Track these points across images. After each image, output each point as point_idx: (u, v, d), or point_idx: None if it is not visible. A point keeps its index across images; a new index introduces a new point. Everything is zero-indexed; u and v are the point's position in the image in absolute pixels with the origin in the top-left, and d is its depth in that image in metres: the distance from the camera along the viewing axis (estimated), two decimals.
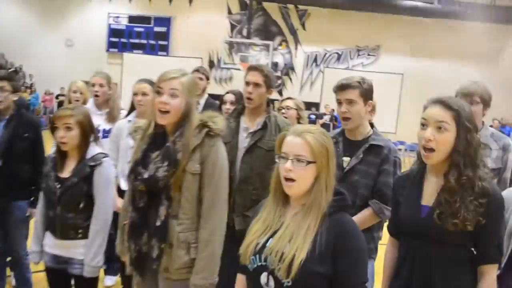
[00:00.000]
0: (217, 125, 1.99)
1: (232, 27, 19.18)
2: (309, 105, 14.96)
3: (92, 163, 2.31)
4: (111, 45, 19.77)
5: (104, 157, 2.37)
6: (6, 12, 19.44)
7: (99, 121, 3.39)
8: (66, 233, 2.30)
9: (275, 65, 18.38)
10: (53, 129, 2.30)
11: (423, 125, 1.67)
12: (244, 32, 17.95)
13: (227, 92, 3.46)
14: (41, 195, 2.44)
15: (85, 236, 2.29)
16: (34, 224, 2.49)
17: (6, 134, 3.01)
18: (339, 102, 2.32)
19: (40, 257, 2.40)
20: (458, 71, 16.70)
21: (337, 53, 19.01)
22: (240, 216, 2.57)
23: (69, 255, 2.33)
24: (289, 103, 3.50)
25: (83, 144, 2.34)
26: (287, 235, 1.42)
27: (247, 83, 2.62)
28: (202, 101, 4.05)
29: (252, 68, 2.65)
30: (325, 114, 15.05)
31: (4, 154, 2.98)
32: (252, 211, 2.53)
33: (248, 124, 2.66)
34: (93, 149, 2.39)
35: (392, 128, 15.42)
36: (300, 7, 18.51)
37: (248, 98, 2.60)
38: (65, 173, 2.33)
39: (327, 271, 1.38)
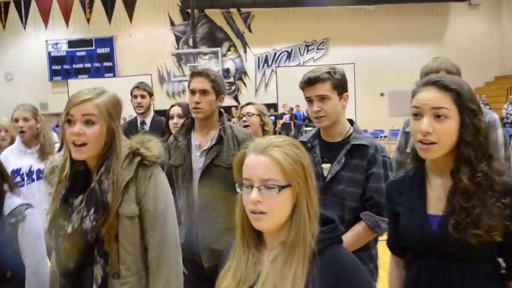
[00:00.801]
0: (151, 151, 1.57)
1: (177, 38, 18.77)
2: (267, 107, 14.66)
3: (13, 220, 1.84)
4: (54, 73, 18.96)
5: (26, 208, 1.89)
6: None
7: (30, 161, 2.92)
8: None
9: (226, 71, 18.07)
10: None
11: (416, 115, 1.31)
12: (190, 42, 17.53)
13: (173, 105, 3.02)
14: None
15: None
16: None
17: None
18: (309, 100, 1.93)
19: None
20: (407, 54, 16.94)
21: (286, 51, 18.90)
22: (207, 251, 2.16)
23: None
24: (250, 109, 3.06)
25: None
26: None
27: (192, 92, 2.21)
28: (149, 120, 3.61)
29: (196, 74, 2.23)
30: (284, 113, 14.79)
31: None
32: (220, 242, 2.15)
33: (201, 140, 2.25)
34: (11, 202, 1.91)
35: (352, 118, 15.31)
36: (243, 10, 18.31)
37: (196, 108, 2.19)
38: None
39: None
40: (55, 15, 17.90)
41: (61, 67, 18.95)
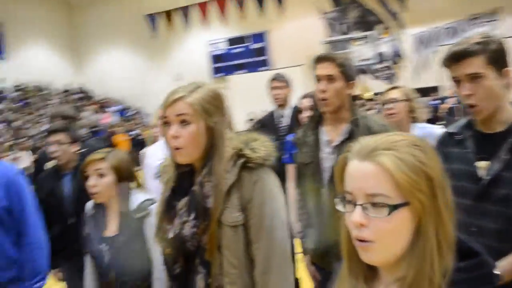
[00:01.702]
0: (256, 152, 1.37)
1: (328, 26, 18.40)
2: (426, 91, 13.50)
3: (140, 215, 1.88)
4: (215, 71, 20.35)
5: (151, 203, 1.92)
6: (117, 60, 21.16)
7: None
8: None
9: (380, 55, 17.12)
10: (84, 178, 1.97)
11: None
12: (342, 29, 17.04)
13: (304, 97, 2.77)
14: (87, 260, 2.09)
15: None
16: None
17: (74, 189, 2.73)
18: (457, 81, 1.50)
19: None
20: None
21: (449, 28, 17.07)
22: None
23: None
24: (394, 94, 2.63)
25: (122, 193, 1.97)
26: None
27: (318, 79, 1.96)
28: (287, 113, 3.45)
29: (321, 59, 1.96)
30: (446, 97, 13.36)
31: (76, 210, 2.68)
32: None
33: (331, 135, 1.98)
34: (137, 197, 1.98)
35: None
36: None
37: (322, 99, 1.93)
38: (110, 231, 1.96)
39: None
40: (213, 16, 19.12)
41: (221, 64, 20.27)
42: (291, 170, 2.37)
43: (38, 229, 2.22)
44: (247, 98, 15.45)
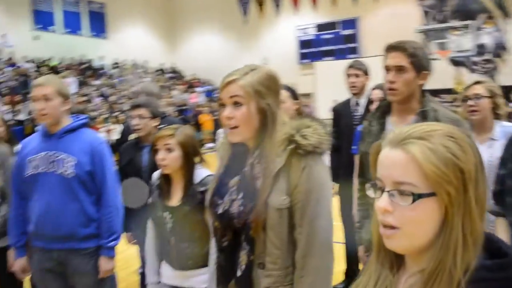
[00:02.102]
0: (307, 139, 1.38)
1: (425, 14, 17.43)
2: None
3: (202, 188, 2.00)
4: (302, 56, 20.26)
5: None
6: (208, 42, 21.83)
7: None
8: (184, 264, 2.09)
9: (481, 47, 15.92)
10: (154, 151, 2.11)
11: None
12: (439, 17, 16.06)
13: (374, 88, 2.69)
14: (150, 225, 2.25)
15: (204, 264, 1.99)
16: (147, 254, 2.30)
17: (151, 160, 2.94)
18: None
19: None
20: None
21: None
22: None
23: (190, 284, 2.10)
24: (477, 89, 2.48)
25: (187, 167, 2.09)
26: None
27: (387, 69, 1.90)
28: (363, 101, 3.38)
29: (391, 48, 1.89)
30: None
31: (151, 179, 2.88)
32: None
33: (397, 126, 1.93)
34: (201, 172, 2.12)
35: None
36: None
37: (390, 89, 1.88)
38: (174, 201, 2.10)
39: None
40: (304, 1, 18.95)
41: (309, 50, 20.10)
42: (356, 160, 2.35)
43: (115, 193, 2.43)
44: (333, 85, 15.24)
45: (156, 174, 2.23)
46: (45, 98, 2.28)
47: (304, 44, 20.18)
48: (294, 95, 2.77)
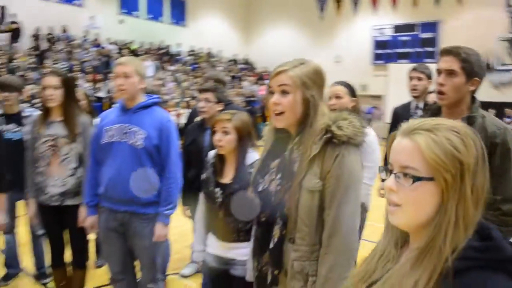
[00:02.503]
0: (342, 130, 1.50)
1: None
2: None
3: (251, 170, 2.19)
4: (376, 57, 19.90)
5: None
6: (282, 36, 22.01)
7: None
8: (228, 236, 2.29)
9: None
10: (213, 133, 2.31)
11: None
12: None
13: (430, 92, 2.72)
14: (201, 198, 2.46)
15: (246, 239, 2.18)
16: (197, 225, 2.53)
17: (212, 142, 3.16)
18: None
19: (203, 256, 2.44)
20: None
21: None
22: None
23: (232, 256, 2.29)
24: None
25: (240, 150, 2.29)
26: None
27: (438, 72, 1.95)
28: (422, 105, 3.39)
29: (444, 52, 1.95)
30: None
31: None
32: None
33: None
34: (252, 156, 2.31)
35: None
36: None
37: (440, 93, 1.94)
38: (225, 179, 2.30)
39: None
40: (383, 1, 18.53)
41: (383, 51, 19.69)
42: None
43: (177, 168, 2.67)
44: (405, 89, 14.81)
45: (212, 153, 2.43)
46: (125, 76, 2.56)
47: (379, 44, 19.83)
48: (352, 92, 2.87)
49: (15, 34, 14.18)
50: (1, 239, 3.81)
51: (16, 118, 3.48)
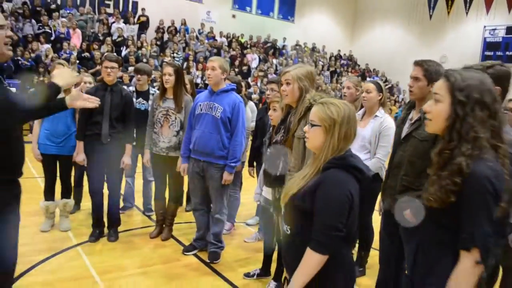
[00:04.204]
0: (315, 101, 2.45)
1: None
2: None
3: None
4: (485, 58, 19.19)
5: None
6: (388, 34, 22.04)
7: None
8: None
9: None
10: (268, 109, 3.51)
11: None
12: None
13: None
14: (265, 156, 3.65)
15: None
16: (258, 178, 3.71)
17: None
18: None
19: (259, 197, 3.53)
20: None
21: None
22: (388, 198, 2.83)
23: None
24: None
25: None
26: (296, 177, 1.92)
27: (410, 77, 2.78)
28: None
29: (414, 64, 2.79)
30: None
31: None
32: (401, 196, 2.74)
33: (415, 116, 2.83)
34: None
35: None
36: None
37: (410, 92, 2.81)
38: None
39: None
40: (498, 1, 17.84)
41: (493, 53, 18.97)
42: None
43: (242, 136, 3.85)
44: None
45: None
46: (212, 69, 3.79)
47: (490, 45, 19.10)
48: (380, 88, 3.75)
49: (143, 26, 16.34)
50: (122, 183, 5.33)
51: (144, 94, 4.93)
